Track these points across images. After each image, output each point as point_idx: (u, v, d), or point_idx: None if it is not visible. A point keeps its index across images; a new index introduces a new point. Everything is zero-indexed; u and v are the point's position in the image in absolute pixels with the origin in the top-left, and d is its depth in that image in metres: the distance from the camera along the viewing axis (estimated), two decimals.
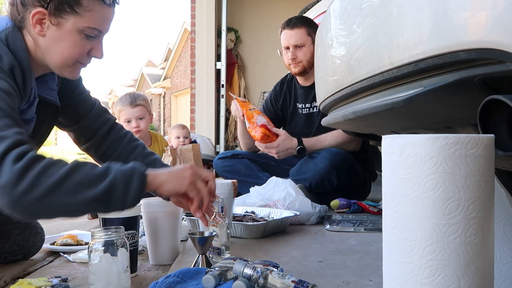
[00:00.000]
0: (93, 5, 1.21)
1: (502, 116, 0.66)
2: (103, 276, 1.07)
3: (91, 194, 1.03)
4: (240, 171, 2.60)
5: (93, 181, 1.05)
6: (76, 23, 1.21)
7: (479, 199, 0.65)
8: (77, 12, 1.20)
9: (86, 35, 1.24)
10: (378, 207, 2.18)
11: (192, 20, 5.31)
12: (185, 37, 18.59)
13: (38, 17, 1.20)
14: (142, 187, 1.10)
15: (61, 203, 1.02)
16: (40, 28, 1.21)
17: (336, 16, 1.21)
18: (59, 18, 1.20)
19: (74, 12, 1.20)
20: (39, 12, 1.19)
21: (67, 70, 1.29)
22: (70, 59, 1.26)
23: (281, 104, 2.80)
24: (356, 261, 1.30)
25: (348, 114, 1.14)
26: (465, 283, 0.65)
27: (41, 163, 1.01)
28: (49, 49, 1.24)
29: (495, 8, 0.61)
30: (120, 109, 2.75)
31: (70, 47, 1.24)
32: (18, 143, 1.03)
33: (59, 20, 1.20)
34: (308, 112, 2.70)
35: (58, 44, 1.23)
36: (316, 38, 1.54)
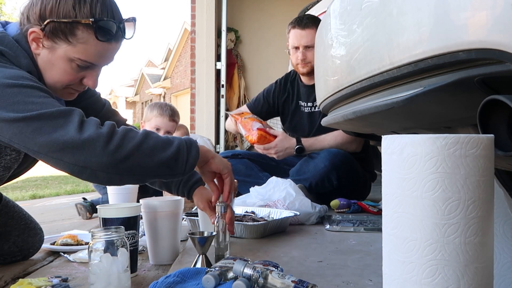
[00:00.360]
0: (87, 38, 1.19)
1: (502, 116, 0.66)
2: (103, 276, 1.07)
3: (164, 156, 1.12)
4: (240, 171, 2.60)
5: (164, 146, 1.14)
6: (68, 52, 1.20)
7: (479, 199, 0.65)
8: (70, 41, 1.19)
9: (78, 64, 1.22)
10: (378, 207, 2.18)
11: (192, 20, 5.31)
12: (185, 37, 18.60)
13: (34, 36, 1.20)
14: (198, 155, 1.19)
15: (141, 164, 1.10)
16: (35, 46, 1.21)
17: (336, 16, 1.21)
18: (52, 42, 1.19)
19: (67, 40, 1.19)
20: (35, 31, 1.19)
21: (59, 92, 1.28)
22: (60, 84, 1.25)
23: (284, 100, 2.79)
24: (356, 261, 1.30)
25: (348, 114, 1.14)
26: (465, 283, 0.65)
27: (120, 129, 1.10)
28: (44, 68, 1.24)
29: (495, 8, 0.61)
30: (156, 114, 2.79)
31: (60, 73, 1.23)
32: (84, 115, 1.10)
33: (52, 44, 1.20)
34: (311, 111, 2.70)
35: (50, 66, 1.23)
36: (316, 38, 1.54)
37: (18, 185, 8.51)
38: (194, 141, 1.20)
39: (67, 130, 1.04)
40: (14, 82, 1.08)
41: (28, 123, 1.04)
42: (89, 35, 1.19)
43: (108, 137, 1.05)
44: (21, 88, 1.08)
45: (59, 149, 1.03)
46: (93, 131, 1.05)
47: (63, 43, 1.19)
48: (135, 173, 1.11)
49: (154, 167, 1.12)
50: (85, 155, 1.04)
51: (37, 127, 1.04)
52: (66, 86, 1.27)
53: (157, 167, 1.12)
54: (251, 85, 5.67)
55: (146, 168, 1.11)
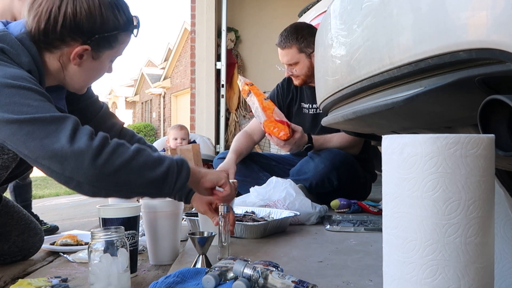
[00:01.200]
0: (125, 38, 1.32)
1: (502, 116, 0.66)
2: (103, 276, 1.07)
3: (152, 176, 1.11)
4: (240, 171, 2.59)
5: (154, 165, 1.12)
6: (110, 55, 1.32)
7: (479, 199, 0.65)
8: (113, 47, 1.30)
9: (111, 60, 1.34)
10: (378, 207, 2.18)
11: (192, 20, 5.30)
12: (185, 37, 18.60)
13: (80, 52, 1.24)
14: (187, 177, 1.18)
15: (128, 180, 1.09)
16: (78, 61, 1.26)
17: (336, 16, 1.21)
18: (98, 53, 1.28)
19: (111, 48, 1.29)
20: (83, 49, 1.24)
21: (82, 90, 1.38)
22: (93, 81, 1.37)
23: (288, 102, 2.78)
24: (356, 261, 1.30)
25: (348, 114, 1.14)
26: (465, 283, 0.65)
27: (112, 142, 1.09)
28: (78, 75, 1.30)
29: (495, 8, 0.61)
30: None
31: (98, 73, 1.34)
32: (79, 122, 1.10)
33: (97, 54, 1.28)
34: (315, 113, 2.67)
35: (89, 72, 1.31)
36: (316, 38, 1.54)
37: None
38: (185, 162, 1.19)
39: (58, 138, 1.03)
40: (13, 82, 1.08)
41: (21, 126, 1.04)
42: (127, 36, 1.32)
43: (98, 150, 1.04)
44: (19, 90, 1.07)
45: (48, 156, 1.03)
46: (84, 141, 1.04)
47: (107, 50, 1.29)
48: (122, 189, 1.10)
49: (141, 185, 1.10)
50: (72, 166, 1.02)
51: (29, 131, 1.04)
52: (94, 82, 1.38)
53: (144, 185, 1.11)
54: None
55: (132, 185, 1.09)
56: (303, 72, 2.54)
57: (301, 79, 2.58)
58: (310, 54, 2.47)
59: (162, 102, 22.73)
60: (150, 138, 21.63)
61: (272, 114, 2.41)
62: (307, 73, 2.54)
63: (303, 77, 2.56)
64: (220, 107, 5.26)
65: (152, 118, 24.62)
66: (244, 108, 5.61)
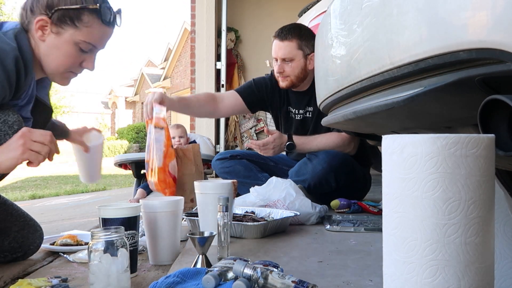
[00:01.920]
0: (92, 22, 1.34)
1: (502, 116, 0.66)
2: (103, 277, 1.07)
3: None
4: (239, 172, 2.58)
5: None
6: (73, 36, 1.33)
7: (479, 199, 0.65)
8: (77, 26, 1.33)
9: (80, 48, 1.35)
10: (378, 207, 2.18)
11: (192, 20, 5.30)
12: (185, 37, 18.60)
13: (41, 24, 1.31)
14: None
15: None
16: (41, 34, 1.32)
17: (336, 16, 1.21)
18: (59, 28, 1.32)
19: (73, 25, 1.32)
20: (42, 19, 1.31)
21: (58, 77, 1.41)
22: (62, 67, 1.37)
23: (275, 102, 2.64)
24: (356, 261, 1.30)
25: (348, 114, 1.14)
26: (465, 283, 0.65)
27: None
28: (46, 54, 1.35)
29: (495, 8, 0.60)
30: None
31: (63, 56, 1.36)
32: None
33: (59, 29, 1.32)
34: (302, 118, 2.60)
35: (54, 51, 1.34)
36: (316, 38, 1.54)
37: (18, 185, 8.51)
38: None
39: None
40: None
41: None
42: (93, 19, 1.34)
43: None
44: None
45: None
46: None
47: (70, 28, 1.32)
48: None
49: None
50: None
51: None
52: (67, 69, 1.38)
53: None
54: None
55: None
56: (295, 72, 2.41)
57: (290, 80, 2.44)
58: (307, 55, 2.40)
59: None
60: None
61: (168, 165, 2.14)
62: (298, 75, 2.42)
63: (293, 78, 2.43)
64: None
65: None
66: None
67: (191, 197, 2.20)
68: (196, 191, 1.55)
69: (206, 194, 1.52)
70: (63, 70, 1.38)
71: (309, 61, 2.39)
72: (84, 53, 1.37)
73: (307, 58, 2.40)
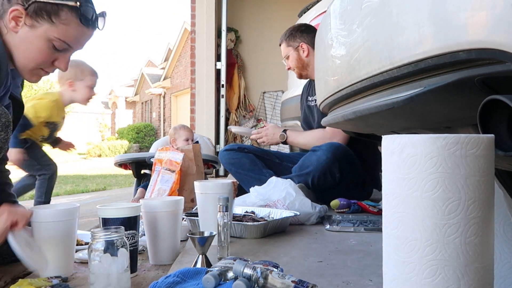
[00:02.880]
0: (70, 20, 1.28)
1: (502, 116, 0.66)
2: (103, 276, 1.07)
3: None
4: (245, 165, 2.65)
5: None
6: (48, 32, 1.27)
7: (479, 199, 0.65)
8: (53, 21, 1.27)
9: (54, 45, 1.29)
10: (378, 207, 2.18)
11: (192, 20, 5.30)
12: (185, 37, 18.61)
13: (15, 14, 1.25)
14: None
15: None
16: (14, 24, 1.26)
17: (336, 16, 1.21)
18: (34, 21, 1.26)
19: (50, 20, 1.26)
20: (17, 10, 1.25)
21: (27, 73, 1.33)
22: (32, 63, 1.30)
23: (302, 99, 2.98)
24: (356, 261, 1.30)
25: (348, 114, 1.14)
26: (465, 283, 0.65)
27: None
28: (17, 47, 1.28)
29: (495, 8, 0.61)
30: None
31: (34, 52, 1.29)
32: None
33: (33, 23, 1.26)
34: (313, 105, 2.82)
35: (25, 44, 1.28)
36: (316, 38, 1.54)
37: None
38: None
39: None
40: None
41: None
42: (72, 18, 1.28)
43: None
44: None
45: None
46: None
47: (45, 22, 1.26)
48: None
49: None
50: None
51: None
52: (37, 66, 1.31)
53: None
54: (251, 85, 5.67)
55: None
56: (293, 64, 2.75)
57: (296, 72, 2.79)
58: (296, 47, 2.71)
59: (162, 102, 22.73)
60: (150, 138, 21.64)
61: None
62: (297, 65, 2.75)
63: (296, 69, 2.77)
64: (220, 107, 5.26)
65: (152, 118, 24.62)
66: (244, 108, 5.61)
67: (191, 197, 2.21)
68: (196, 191, 1.55)
69: (206, 194, 1.52)
70: (32, 66, 1.31)
71: (301, 51, 2.71)
72: (57, 52, 1.31)
73: (298, 50, 2.72)
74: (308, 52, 2.69)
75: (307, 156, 2.53)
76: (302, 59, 2.73)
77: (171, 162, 2.31)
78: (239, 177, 2.67)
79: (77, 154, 22.42)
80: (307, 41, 2.69)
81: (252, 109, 5.64)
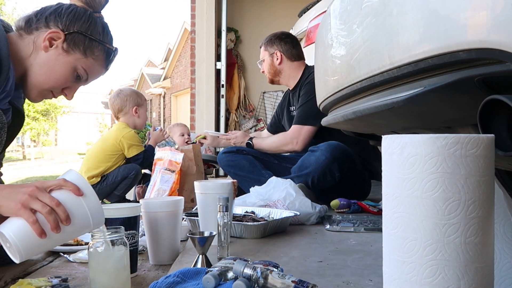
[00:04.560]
0: (99, 58, 1.38)
1: (502, 116, 0.66)
2: (103, 276, 1.07)
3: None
4: (244, 167, 2.66)
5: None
6: (78, 61, 1.34)
7: (479, 199, 0.65)
8: (86, 54, 1.34)
9: (77, 74, 1.35)
10: (378, 207, 2.18)
11: (192, 20, 5.30)
12: (185, 37, 18.60)
13: (53, 36, 1.30)
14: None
15: None
16: (47, 44, 1.30)
17: (336, 16, 1.21)
18: (69, 48, 1.31)
19: (83, 52, 1.34)
20: (57, 32, 1.30)
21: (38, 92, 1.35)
22: (50, 84, 1.34)
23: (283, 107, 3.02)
24: (356, 261, 1.30)
25: (348, 114, 1.14)
26: (465, 283, 0.65)
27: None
28: (41, 65, 1.31)
29: (495, 8, 0.61)
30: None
31: (59, 74, 1.33)
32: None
33: (69, 49, 1.32)
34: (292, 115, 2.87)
35: (51, 65, 1.32)
36: (316, 38, 1.54)
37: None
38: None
39: None
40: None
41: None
42: (101, 56, 1.38)
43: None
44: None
45: None
46: None
47: (79, 53, 1.33)
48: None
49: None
50: None
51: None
52: (51, 88, 1.35)
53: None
54: (251, 85, 5.67)
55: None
56: (266, 69, 2.86)
57: (268, 77, 2.89)
58: (272, 53, 2.81)
59: (162, 102, 22.73)
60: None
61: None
62: (269, 70, 2.84)
63: (268, 74, 2.86)
64: (220, 107, 5.26)
65: (152, 118, 24.62)
66: (244, 108, 5.61)
67: (191, 197, 2.21)
68: (196, 191, 1.55)
69: (206, 194, 1.52)
70: (48, 87, 1.34)
71: (275, 58, 2.81)
72: (74, 81, 1.36)
73: (272, 56, 2.82)
74: (281, 60, 2.79)
75: (305, 157, 2.53)
76: (275, 66, 2.82)
77: (171, 162, 2.32)
78: (239, 179, 2.68)
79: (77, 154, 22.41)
80: (283, 50, 2.79)
81: (252, 109, 5.64)
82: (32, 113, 22.45)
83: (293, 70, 2.80)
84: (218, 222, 1.31)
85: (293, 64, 2.80)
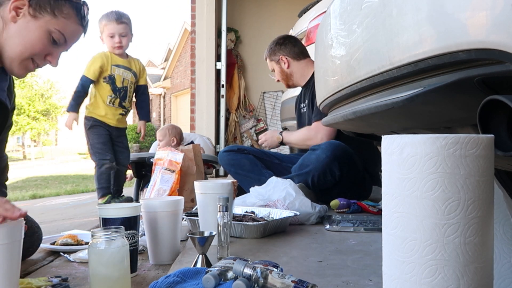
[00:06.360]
0: (70, 15, 1.33)
1: (501, 116, 0.66)
2: (103, 276, 1.07)
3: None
4: (244, 166, 2.67)
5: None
6: (49, 23, 1.30)
7: (478, 199, 0.65)
8: (55, 15, 1.30)
9: (52, 37, 1.32)
10: (378, 207, 2.18)
11: (192, 20, 5.30)
12: (185, 37, 18.60)
13: (17, 5, 1.27)
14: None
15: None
16: (14, 14, 1.28)
17: (336, 16, 1.21)
18: (36, 12, 1.28)
19: (52, 13, 1.30)
20: (20, 1, 1.27)
21: (18, 65, 1.33)
22: (28, 51, 1.31)
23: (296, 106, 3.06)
24: (356, 261, 1.30)
25: (348, 114, 1.14)
26: (465, 283, 0.65)
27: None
28: (14, 37, 1.29)
29: (495, 8, 0.61)
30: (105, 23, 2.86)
31: (34, 40, 1.30)
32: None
33: (36, 14, 1.28)
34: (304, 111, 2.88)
35: (24, 34, 1.30)
36: (316, 38, 1.54)
37: (18, 185, 8.52)
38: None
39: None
40: None
41: None
42: (72, 14, 1.33)
43: None
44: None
45: None
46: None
47: (47, 15, 1.29)
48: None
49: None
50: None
51: None
52: (31, 56, 1.32)
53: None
54: (251, 85, 5.67)
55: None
56: (279, 76, 2.89)
57: (284, 83, 2.92)
58: (278, 61, 2.84)
59: (162, 102, 22.72)
60: (150, 138, 21.63)
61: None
62: (282, 77, 2.87)
63: (282, 80, 2.89)
64: (220, 107, 5.26)
65: (152, 118, 24.63)
66: (244, 108, 5.61)
67: (191, 197, 2.21)
68: (196, 191, 1.55)
69: (206, 194, 1.52)
70: (26, 56, 1.31)
71: (282, 63, 2.83)
72: (53, 45, 1.33)
73: (279, 63, 2.84)
74: (288, 63, 2.81)
75: (306, 156, 2.53)
76: (285, 71, 2.84)
77: (171, 162, 2.32)
78: (239, 178, 2.68)
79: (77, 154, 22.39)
80: (286, 52, 2.81)
81: (252, 109, 5.64)
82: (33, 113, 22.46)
83: (303, 68, 2.82)
84: (218, 222, 1.31)
85: (300, 63, 2.81)
